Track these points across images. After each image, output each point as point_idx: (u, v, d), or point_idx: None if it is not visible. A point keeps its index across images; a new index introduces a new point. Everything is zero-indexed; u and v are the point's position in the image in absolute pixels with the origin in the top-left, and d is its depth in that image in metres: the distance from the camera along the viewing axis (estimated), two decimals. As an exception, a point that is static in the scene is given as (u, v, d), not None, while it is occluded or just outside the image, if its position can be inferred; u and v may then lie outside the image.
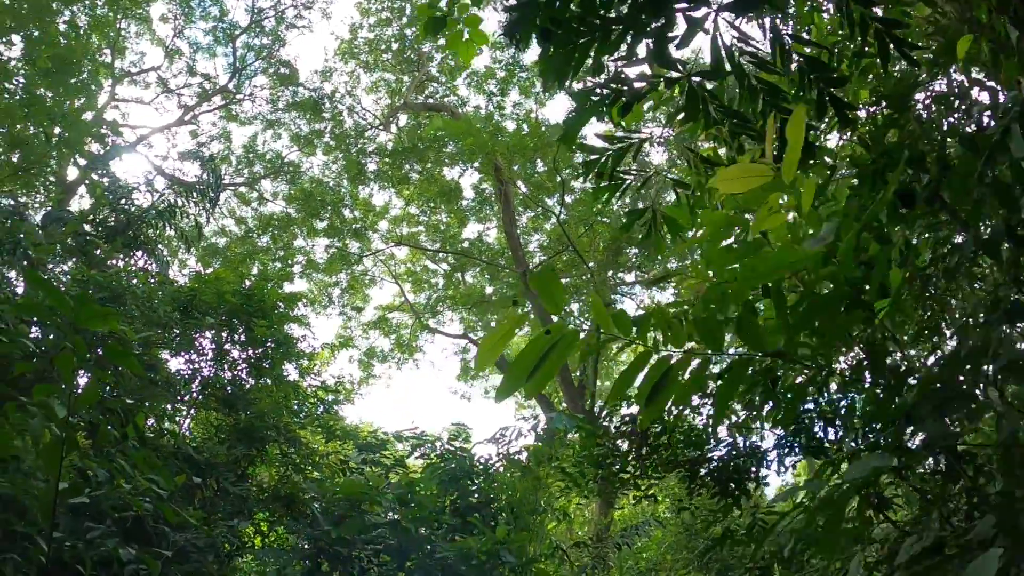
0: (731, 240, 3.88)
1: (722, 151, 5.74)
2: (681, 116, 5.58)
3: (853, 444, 6.45)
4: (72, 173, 19.05)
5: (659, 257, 21.39)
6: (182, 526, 6.52)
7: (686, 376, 2.25)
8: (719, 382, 2.46)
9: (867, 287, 2.53)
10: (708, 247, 2.85)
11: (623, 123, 5.74)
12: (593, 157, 5.54)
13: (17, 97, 13.12)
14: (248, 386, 10.73)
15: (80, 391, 3.96)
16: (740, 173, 2.55)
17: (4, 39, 13.15)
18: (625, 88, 5.23)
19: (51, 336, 7.29)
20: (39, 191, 16.37)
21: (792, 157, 2.34)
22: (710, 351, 2.24)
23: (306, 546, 9.00)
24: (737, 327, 2.22)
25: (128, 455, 4.49)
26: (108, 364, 7.83)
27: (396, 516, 8.86)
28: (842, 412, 6.37)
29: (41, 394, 3.80)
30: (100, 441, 4.13)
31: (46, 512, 3.68)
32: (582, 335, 2.40)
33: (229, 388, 10.49)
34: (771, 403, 6.68)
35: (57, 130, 13.28)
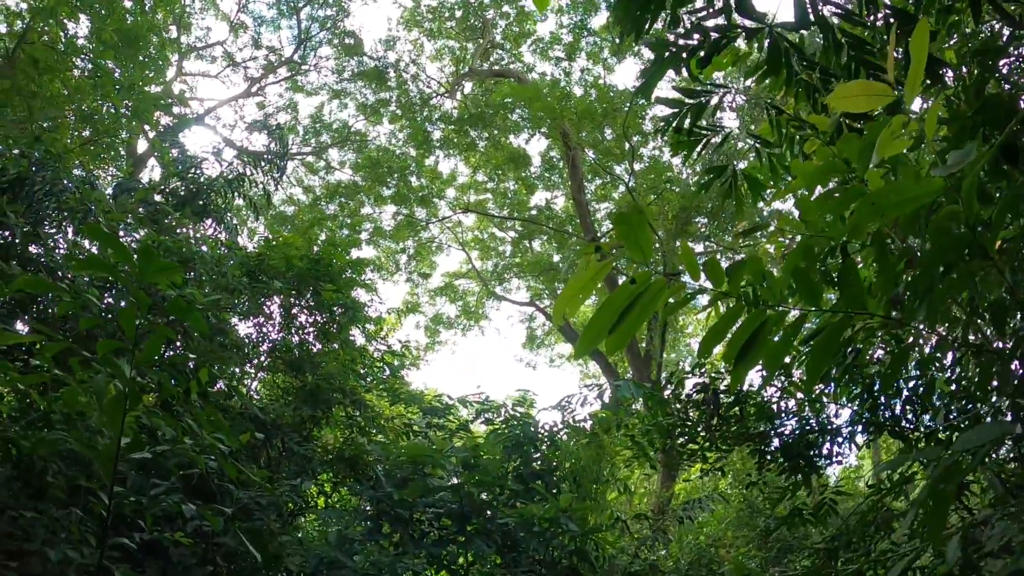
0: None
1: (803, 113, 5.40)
2: (762, 71, 5.26)
3: (932, 423, 6.10)
4: (142, 146, 19.55)
5: (729, 227, 20.80)
6: (246, 484, 6.60)
7: (779, 335, 2.02)
8: (808, 345, 2.24)
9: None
10: (802, 198, 2.58)
11: (701, 76, 5.45)
12: (672, 111, 5.27)
13: (86, 74, 13.45)
14: (315, 350, 10.84)
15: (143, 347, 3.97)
16: (859, 90, 2.27)
17: (71, 17, 13.43)
18: (703, 40, 4.93)
19: (123, 304, 7.43)
20: (109, 164, 16.83)
21: (916, 75, 2.05)
22: (804, 308, 2.00)
23: (368, 507, 9.07)
24: (839, 281, 1.97)
25: (194, 413, 4.50)
26: (176, 324, 7.97)
27: (459, 480, 8.83)
28: (921, 390, 6.02)
29: (104, 350, 3.81)
30: (162, 395, 4.13)
31: (107, 467, 3.70)
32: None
33: (296, 352, 10.61)
34: (847, 377, 6.36)
35: (127, 103, 13.58)
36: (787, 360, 6.21)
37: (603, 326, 2.12)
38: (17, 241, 7.18)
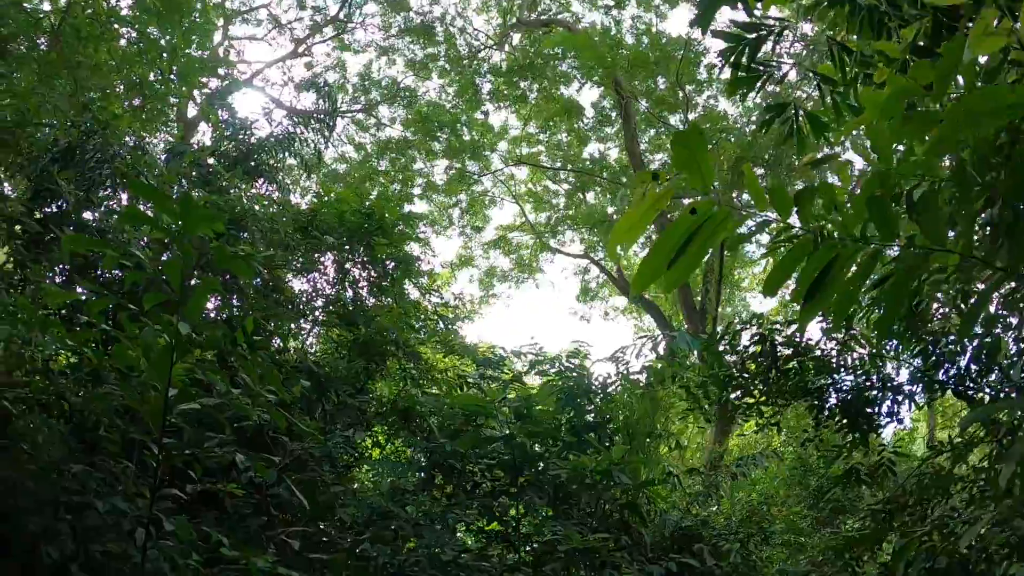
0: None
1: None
2: (823, 5, 4.94)
3: (1005, 383, 5.80)
4: (192, 111, 19.75)
5: (787, 177, 20.14)
6: (300, 436, 6.69)
7: (852, 271, 1.85)
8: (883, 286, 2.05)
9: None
10: (872, 128, 2.35)
11: (758, 12, 5.16)
12: (729, 45, 5.00)
13: (131, 44, 13.53)
14: (369, 304, 10.91)
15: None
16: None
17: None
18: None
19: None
20: (160, 130, 17.01)
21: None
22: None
23: (421, 459, 9.15)
24: (917, 212, 1.78)
25: (245, 365, 4.52)
26: (233, 282, 8.06)
27: (511, 432, 8.82)
28: (985, 350, 5.72)
29: (151, 303, 3.83)
30: (208, 346, 4.15)
31: (156, 420, 3.74)
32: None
33: (350, 306, 10.70)
34: (909, 332, 6.07)
35: (174, 68, 13.65)
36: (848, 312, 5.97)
37: (661, 260, 1.97)
38: (70, 208, 7.31)
